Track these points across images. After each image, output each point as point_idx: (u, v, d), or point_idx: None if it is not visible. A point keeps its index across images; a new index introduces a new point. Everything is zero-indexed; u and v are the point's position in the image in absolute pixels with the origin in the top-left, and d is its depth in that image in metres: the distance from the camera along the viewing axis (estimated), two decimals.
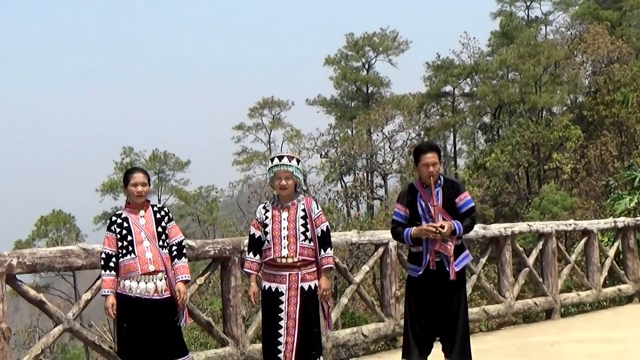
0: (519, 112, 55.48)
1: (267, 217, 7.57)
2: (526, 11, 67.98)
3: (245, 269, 7.80)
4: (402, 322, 9.01)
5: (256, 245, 7.61)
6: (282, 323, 7.38)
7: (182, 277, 7.38)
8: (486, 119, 61.28)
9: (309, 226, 7.45)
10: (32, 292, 8.06)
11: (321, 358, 7.56)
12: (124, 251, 7.31)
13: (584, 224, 14.99)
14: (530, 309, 13.16)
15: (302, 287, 7.39)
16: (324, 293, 7.47)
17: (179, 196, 72.12)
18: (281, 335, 7.37)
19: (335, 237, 10.50)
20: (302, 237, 7.41)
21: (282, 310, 7.39)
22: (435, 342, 8.06)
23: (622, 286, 14.91)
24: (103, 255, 7.44)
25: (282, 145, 68.27)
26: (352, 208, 51.83)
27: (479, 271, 12.41)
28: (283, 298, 7.40)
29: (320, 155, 62.13)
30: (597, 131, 50.94)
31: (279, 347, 7.36)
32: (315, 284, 7.46)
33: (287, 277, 7.41)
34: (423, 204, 7.81)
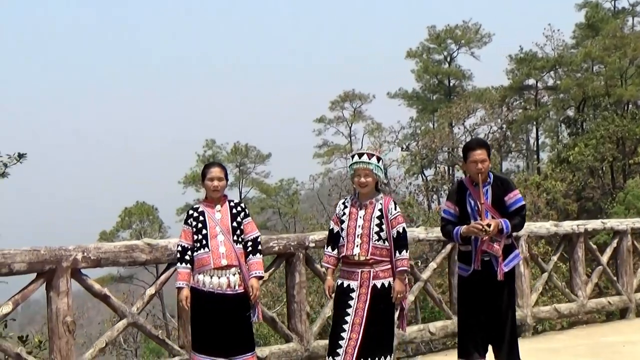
0: (603, 105, 54.73)
1: (344, 214, 7.54)
2: (612, 2, 66.39)
3: (322, 263, 7.81)
4: None
5: (334, 240, 7.60)
6: (348, 319, 7.32)
7: (255, 273, 7.37)
8: (570, 112, 60.24)
9: (384, 226, 7.35)
10: (97, 287, 8.21)
11: (389, 357, 7.45)
12: (199, 244, 7.36)
13: None
14: (603, 307, 12.95)
15: (374, 285, 7.31)
16: (398, 295, 7.37)
17: (260, 189, 72.71)
18: (345, 331, 7.31)
19: None
20: (376, 237, 7.33)
21: (350, 307, 7.34)
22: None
23: None
24: (179, 248, 7.50)
25: (362, 138, 68.58)
26: (433, 202, 51.43)
27: (549, 269, 12.27)
28: (353, 295, 7.34)
29: (401, 148, 61.80)
30: None
31: (340, 342, 7.31)
32: (389, 282, 7.37)
33: (359, 275, 7.35)
34: (472, 202, 7.72)
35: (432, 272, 11.32)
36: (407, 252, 7.42)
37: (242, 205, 7.63)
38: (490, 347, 7.93)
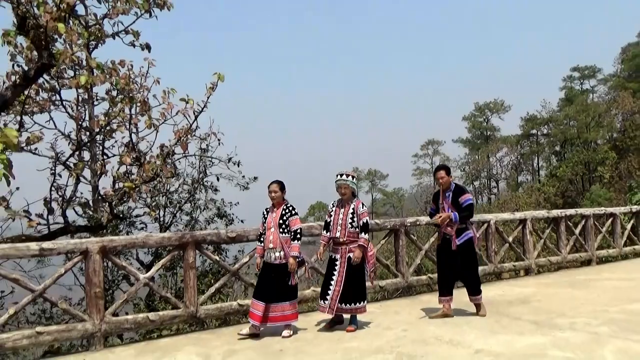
0: (577, 143, 53.12)
1: (332, 211, 7.06)
2: (580, 85, 64.33)
3: (320, 240, 7.26)
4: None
5: (327, 227, 7.11)
6: (334, 278, 6.88)
7: (292, 254, 6.72)
8: (557, 148, 58.39)
9: (355, 218, 6.85)
10: None
11: (364, 301, 6.94)
12: (264, 232, 6.90)
13: (610, 209, 13.64)
14: (576, 259, 12.15)
15: (349, 257, 6.84)
16: (356, 259, 6.78)
17: (382, 194, 73.34)
18: (331, 285, 6.87)
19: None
20: (350, 225, 6.84)
21: (335, 270, 6.89)
22: (459, 286, 7.60)
23: (636, 246, 13.43)
24: (258, 233, 7.08)
25: None
26: (479, 201, 50.19)
27: (544, 237, 11.65)
28: (337, 263, 6.89)
29: (460, 170, 61.06)
30: (625, 153, 47.87)
31: (328, 291, 6.88)
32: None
33: (340, 250, 6.89)
34: (441, 201, 7.27)
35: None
36: (366, 234, 6.84)
37: (290, 207, 6.90)
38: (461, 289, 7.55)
